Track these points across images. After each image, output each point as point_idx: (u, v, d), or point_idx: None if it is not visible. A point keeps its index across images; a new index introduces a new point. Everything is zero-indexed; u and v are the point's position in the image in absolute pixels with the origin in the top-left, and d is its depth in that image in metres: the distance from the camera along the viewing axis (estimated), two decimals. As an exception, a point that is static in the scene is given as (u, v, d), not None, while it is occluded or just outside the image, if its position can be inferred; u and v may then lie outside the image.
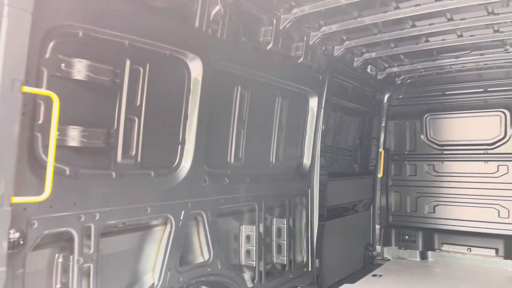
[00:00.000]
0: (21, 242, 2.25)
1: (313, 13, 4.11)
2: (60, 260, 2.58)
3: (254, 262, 4.14)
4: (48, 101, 2.32)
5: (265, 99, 4.40)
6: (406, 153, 6.85)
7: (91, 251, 2.65)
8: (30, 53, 2.18)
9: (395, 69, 6.30)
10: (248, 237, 4.17)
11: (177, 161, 3.35)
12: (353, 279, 5.70)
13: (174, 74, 3.28)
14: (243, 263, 4.17)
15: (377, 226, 6.85)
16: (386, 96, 6.90)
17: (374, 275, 5.77)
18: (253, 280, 4.15)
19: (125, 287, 2.99)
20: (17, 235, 2.20)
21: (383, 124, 6.92)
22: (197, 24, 3.28)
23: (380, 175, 6.87)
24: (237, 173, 3.98)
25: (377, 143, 6.90)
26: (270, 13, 3.99)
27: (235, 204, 3.98)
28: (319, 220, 5.15)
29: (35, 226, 2.35)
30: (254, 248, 4.14)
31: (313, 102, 5.08)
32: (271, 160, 4.56)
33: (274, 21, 4.07)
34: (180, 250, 3.31)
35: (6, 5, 2.01)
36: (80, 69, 2.55)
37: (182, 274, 3.31)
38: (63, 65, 2.48)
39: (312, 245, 5.07)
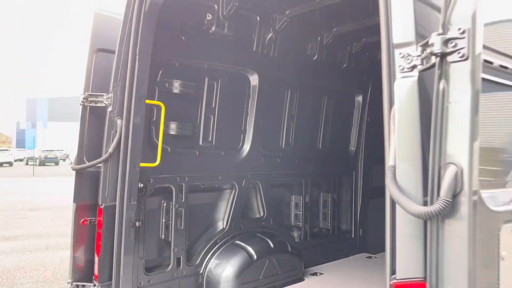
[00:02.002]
0: (144, 190, 3.84)
1: (353, 30, 5.15)
2: (165, 204, 4.14)
3: (301, 224, 5.43)
4: (158, 107, 3.87)
5: (313, 98, 5.57)
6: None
7: (183, 200, 4.18)
8: (150, 78, 3.71)
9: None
10: (296, 204, 5.47)
11: (240, 144, 4.78)
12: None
13: (238, 84, 4.67)
14: (292, 224, 5.48)
15: (428, 208, 7.57)
16: (440, 90, 7.52)
17: (416, 248, 6.62)
18: (299, 237, 5.44)
19: (205, 226, 4.51)
20: (141, 185, 3.78)
21: (436, 116, 7.56)
22: (254, 48, 4.62)
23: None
24: (287, 155, 5.27)
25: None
26: (314, 33, 5.15)
27: (285, 178, 5.29)
28: (362, 197, 6.20)
29: (151, 181, 3.94)
30: (301, 213, 5.43)
31: (358, 98, 6.12)
32: (318, 146, 5.75)
33: (318, 38, 5.22)
34: (241, 207, 4.74)
35: (137, 54, 3.55)
36: (176, 86, 4.08)
37: (243, 223, 4.73)
38: (166, 84, 4.02)
39: (355, 217, 6.15)
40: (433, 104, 1.45)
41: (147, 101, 3.70)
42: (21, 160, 51.96)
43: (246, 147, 4.79)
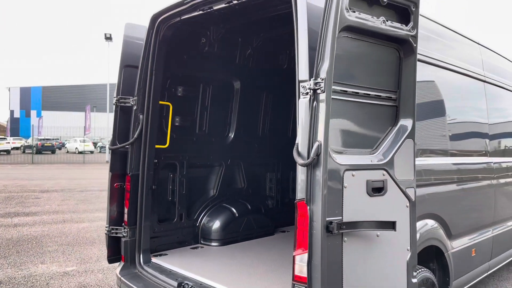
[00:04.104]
0: (158, 165, 5.41)
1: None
2: (171, 175, 5.73)
3: (274, 194, 7.07)
4: (167, 106, 5.45)
5: (284, 98, 7.15)
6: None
7: (185, 173, 5.79)
8: (161, 86, 5.26)
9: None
10: (270, 179, 7.10)
11: (226, 133, 6.39)
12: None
13: (225, 88, 6.26)
14: (267, 194, 7.12)
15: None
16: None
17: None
18: (273, 204, 7.08)
19: (200, 192, 6.12)
20: (156, 161, 5.30)
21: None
22: (237, 61, 6.21)
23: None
24: (263, 141, 6.88)
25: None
26: (283, 48, 6.72)
27: (262, 159, 6.91)
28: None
29: (162, 159, 5.52)
30: (274, 186, 7.07)
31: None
32: (289, 135, 7.37)
33: (287, 51, 6.80)
34: (227, 180, 6.36)
35: (153, 70, 5.10)
36: (180, 91, 5.66)
37: (228, 192, 6.36)
38: (173, 89, 5.60)
39: None
40: (309, 113, 3.06)
41: (160, 102, 5.26)
42: (17, 148, 53.04)
43: (231, 135, 6.40)
